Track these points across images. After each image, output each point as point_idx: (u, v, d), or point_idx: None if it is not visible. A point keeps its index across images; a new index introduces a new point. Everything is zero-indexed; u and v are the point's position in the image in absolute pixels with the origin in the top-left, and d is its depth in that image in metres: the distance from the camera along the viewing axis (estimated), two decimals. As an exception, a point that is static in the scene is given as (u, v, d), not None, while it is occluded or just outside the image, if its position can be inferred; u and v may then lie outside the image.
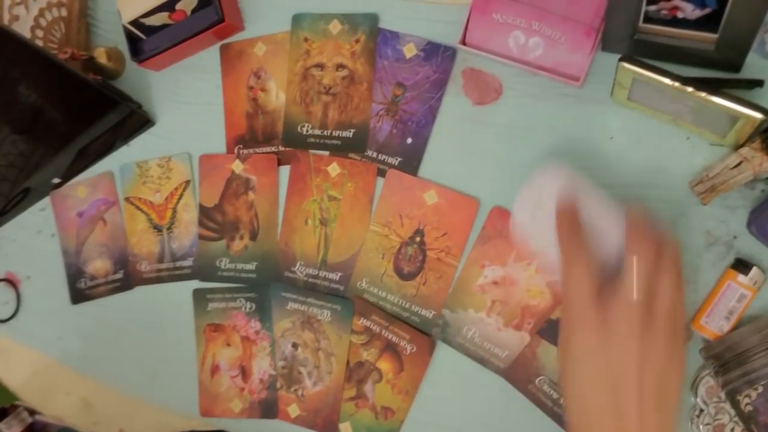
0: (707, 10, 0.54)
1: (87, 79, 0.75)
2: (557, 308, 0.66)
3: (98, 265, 0.85)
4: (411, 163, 0.72)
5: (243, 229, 0.78)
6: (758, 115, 0.53)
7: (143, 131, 0.83)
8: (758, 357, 0.58)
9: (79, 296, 0.86)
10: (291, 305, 0.76)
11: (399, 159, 0.72)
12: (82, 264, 0.85)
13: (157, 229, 0.82)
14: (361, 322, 0.73)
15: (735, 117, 0.55)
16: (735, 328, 0.60)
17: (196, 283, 0.80)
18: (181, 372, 0.80)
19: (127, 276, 0.83)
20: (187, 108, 0.82)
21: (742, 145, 0.58)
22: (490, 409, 0.69)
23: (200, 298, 0.80)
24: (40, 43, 0.81)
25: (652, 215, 0.49)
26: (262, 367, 0.77)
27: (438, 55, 0.71)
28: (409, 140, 0.72)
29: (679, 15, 0.56)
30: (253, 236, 0.78)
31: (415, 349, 0.71)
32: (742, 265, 0.59)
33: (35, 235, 0.89)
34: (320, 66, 0.75)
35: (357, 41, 0.74)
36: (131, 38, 0.79)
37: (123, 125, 0.81)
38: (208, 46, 0.80)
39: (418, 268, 0.71)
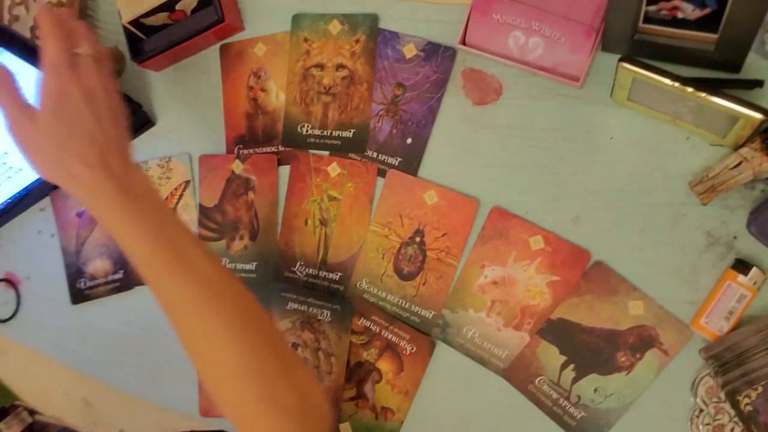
0: (707, 11, 0.54)
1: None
2: (557, 308, 0.66)
3: (98, 265, 0.85)
4: (411, 163, 0.72)
5: (243, 229, 0.78)
6: (758, 116, 0.53)
7: (143, 132, 0.83)
8: (758, 357, 0.58)
9: (79, 296, 0.86)
10: (291, 305, 0.76)
11: (399, 159, 0.72)
12: (82, 264, 0.85)
13: (157, 229, 0.82)
14: (361, 322, 0.73)
15: (735, 117, 0.55)
16: (735, 328, 0.60)
17: (196, 283, 0.80)
18: (181, 372, 0.80)
19: (127, 276, 0.83)
20: (187, 108, 0.82)
21: (742, 146, 0.58)
22: (490, 409, 0.69)
23: (200, 298, 0.80)
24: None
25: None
26: (262, 367, 0.77)
27: (438, 55, 0.71)
28: (409, 140, 0.72)
29: (679, 15, 0.56)
30: (253, 236, 0.78)
31: (415, 350, 0.71)
32: (742, 266, 0.59)
33: (35, 235, 0.89)
34: (320, 66, 0.75)
35: (357, 41, 0.74)
36: (131, 38, 0.78)
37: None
38: (208, 46, 0.80)
39: (418, 268, 0.71)
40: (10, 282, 0.90)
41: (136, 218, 0.53)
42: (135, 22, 0.76)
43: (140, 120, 0.81)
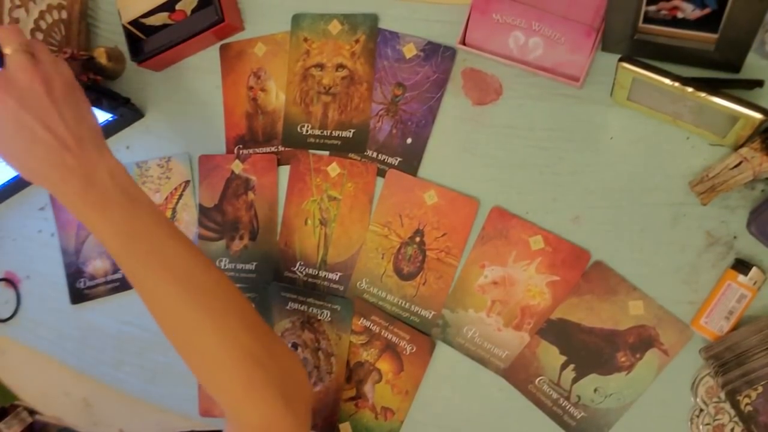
0: (707, 11, 0.54)
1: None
2: (557, 308, 0.66)
3: (98, 265, 0.85)
4: (411, 163, 0.72)
5: (243, 229, 0.78)
6: (758, 116, 0.53)
7: (133, 123, 0.83)
8: (758, 357, 0.58)
9: (78, 296, 0.86)
10: (291, 305, 0.76)
11: (399, 159, 0.72)
12: (81, 264, 0.85)
13: (157, 229, 0.82)
14: (361, 323, 0.73)
15: (735, 117, 0.55)
16: (735, 328, 0.60)
17: (196, 283, 0.80)
18: (181, 372, 0.80)
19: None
20: (187, 108, 0.82)
21: (742, 146, 0.58)
22: (490, 409, 0.69)
23: (200, 298, 0.80)
24: (40, 43, 0.81)
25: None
26: (262, 367, 0.77)
27: (438, 55, 0.71)
28: (409, 140, 0.72)
29: (679, 15, 0.56)
30: (253, 236, 0.78)
31: (415, 349, 0.71)
32: (742, 266, 0.59)
33: (35, 235, 0.89)
34: (320, 66, 0.75)
35: (357, 41, 0.74)
36: (131, 38, 0.79)
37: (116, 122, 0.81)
38: (208, 46, 0.80)
39: (418, 268, 0.71)
40: (10, 281, 0.90)
41: (107, 212, 0.54)
42: (135, 22, 0.76)
43: (131, 115, 0.82)
